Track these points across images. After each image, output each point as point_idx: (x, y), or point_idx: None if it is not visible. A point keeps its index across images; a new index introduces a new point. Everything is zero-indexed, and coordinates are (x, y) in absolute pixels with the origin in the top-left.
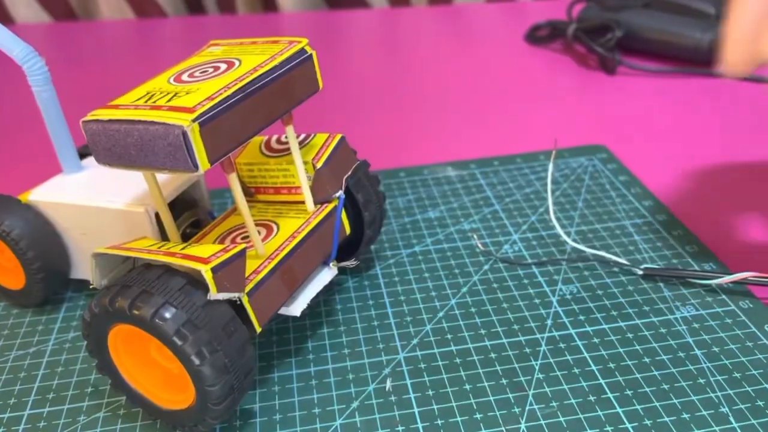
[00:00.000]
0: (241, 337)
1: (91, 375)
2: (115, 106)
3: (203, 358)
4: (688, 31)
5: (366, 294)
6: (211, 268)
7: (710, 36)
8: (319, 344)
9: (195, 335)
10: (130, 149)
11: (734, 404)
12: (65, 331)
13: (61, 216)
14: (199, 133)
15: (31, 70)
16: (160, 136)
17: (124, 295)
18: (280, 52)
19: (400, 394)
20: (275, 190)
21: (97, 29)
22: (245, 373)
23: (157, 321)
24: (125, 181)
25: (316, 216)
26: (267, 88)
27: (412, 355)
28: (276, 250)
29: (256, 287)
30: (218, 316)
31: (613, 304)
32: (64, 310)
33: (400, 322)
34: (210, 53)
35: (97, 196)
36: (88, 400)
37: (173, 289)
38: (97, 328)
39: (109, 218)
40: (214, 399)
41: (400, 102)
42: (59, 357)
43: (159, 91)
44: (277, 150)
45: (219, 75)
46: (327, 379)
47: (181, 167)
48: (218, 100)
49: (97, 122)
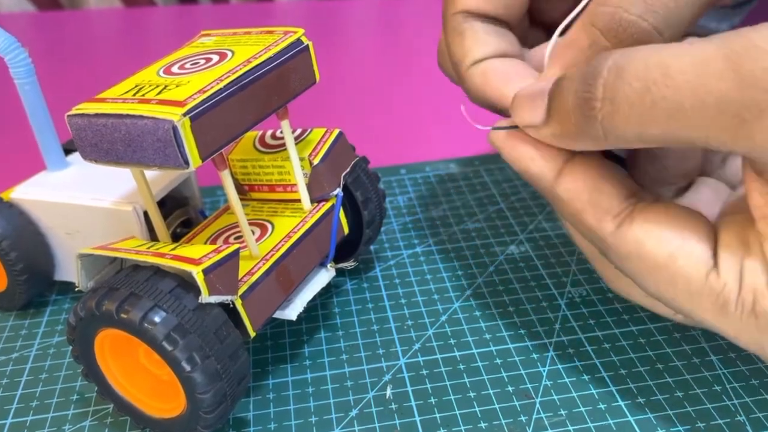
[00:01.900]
0: (234, 342)
1: (76, 382)
2: (102, 100)
3: (194, 364)
4: (705, 20)
5: (365, 297)
6: (202, 269)
7: (727, 25)
8: (316, 350)
9: (186, 340)
10: (118, 145)
11: (751, 413)
12: (49, 336)
13: (45, 215)
14: (190, 127)
15: (13, 62)
16: (148, 131)
17: (111, 298)
18: (274, 43)
19: (401, 402)
20: (270, 188)
21: (83, 19)
22: (238, 380)
23: (146, 325)
24: (112, 179)
25: (312, 215)
26: (261, 80)
27: (413, 361)
28: (271, 251)
29: (250, 290)
30: (210, 320)
31: (624, 307)
32: (48, 314)
33: (401, 326)
34: (202, 44)
35: (83, 194)
36: (74, 408)
37: (163, 291)
38: (83, 333)
39: (96, 217)
40: (206, 407)
41: (401, 95)
42: (43, 363)
43: (148, 83)
44: (271, 146)
45: (211, 67)
46: (324, 386)
47: (171, 164)
48: (210, 93)
49: (83, 116)
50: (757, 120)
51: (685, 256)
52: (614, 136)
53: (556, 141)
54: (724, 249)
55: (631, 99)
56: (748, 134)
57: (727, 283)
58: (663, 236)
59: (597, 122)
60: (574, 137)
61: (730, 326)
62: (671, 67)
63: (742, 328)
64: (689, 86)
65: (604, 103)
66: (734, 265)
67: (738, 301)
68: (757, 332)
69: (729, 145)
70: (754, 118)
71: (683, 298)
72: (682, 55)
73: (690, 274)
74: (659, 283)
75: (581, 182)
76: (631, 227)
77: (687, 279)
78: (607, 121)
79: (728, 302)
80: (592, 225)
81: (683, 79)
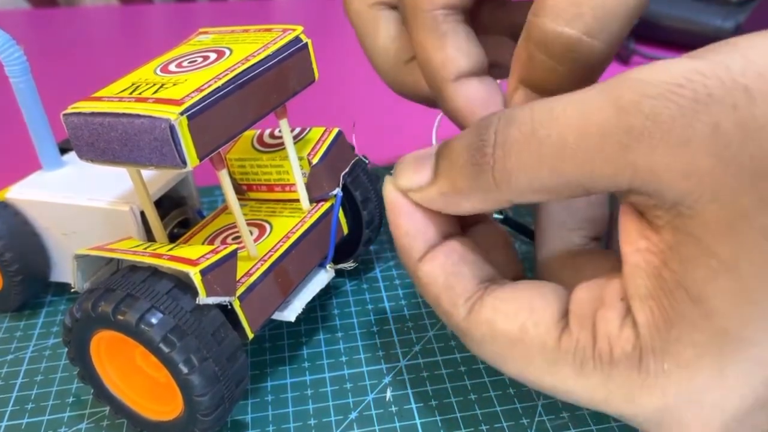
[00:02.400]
0: (233, 344)
1: (72, 384)
2: (98, 99)
3: (192, 366)
4: (709, 18)
5: (365, 298)
6: (200, 270)
7: (732, 23)
8: (315, 351)
9: (183, 342)
10: (114, 144)
11: None
12: (45, 338)
13: (41, 215)
14: (187, 126)
15: (8, 60)
16: (145, 130)
17: (107, 300)
18: (273, 41)
19: (401, 405)
20: (268, 188)
21: (79, 16)
22: (236, 383)
23: (142, 327)
24: (109, 178)
25: (311, 215)
26: (259, 78)
27: (413, 362)
28: (269, 252)
29: (248, 291)
30: (208, 321)
31: None
32: (43, 315)
33: (401, 327)
34: (199, 42)
35: (79, 194)
36: (70, 410)
37: (160, 293)
38: (79, 335)
39: (92, 218)
40: (203, 410)
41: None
42: (39, 365)
43: (145, 82)
44: (270, 145)
45: (209, 65)
46: (323, 389)
47: (168, 163)
48: (208, 91)
49: (79, 115)
50: (637, 144)
51: (534, 326)
52: (506, 185)
53: (443, 200)
54: (575, 306)
55: (520, 142)
56: (630, 162)
57: (579, 339)
58: (511, 311)
59: (489, 172)
60: (464, 192)
61: (598, 389)
62: (555, 108)
63: (611, 388)
64: (572, 122)
65: (496, 149)
66: (586, 319)
67: (595, 356)
68: (625, 384)
69: (614, 179)
70: (635, 143)
71: (545, 374)
72: (567, 98)
73: (544, 341)
74: (518, 362)
75: (439, 267)
76: (481, 309)
77: (542, 347)
78: (499, 168)
79: (586, 360)
80: (447, 310)
81: (566, 116)
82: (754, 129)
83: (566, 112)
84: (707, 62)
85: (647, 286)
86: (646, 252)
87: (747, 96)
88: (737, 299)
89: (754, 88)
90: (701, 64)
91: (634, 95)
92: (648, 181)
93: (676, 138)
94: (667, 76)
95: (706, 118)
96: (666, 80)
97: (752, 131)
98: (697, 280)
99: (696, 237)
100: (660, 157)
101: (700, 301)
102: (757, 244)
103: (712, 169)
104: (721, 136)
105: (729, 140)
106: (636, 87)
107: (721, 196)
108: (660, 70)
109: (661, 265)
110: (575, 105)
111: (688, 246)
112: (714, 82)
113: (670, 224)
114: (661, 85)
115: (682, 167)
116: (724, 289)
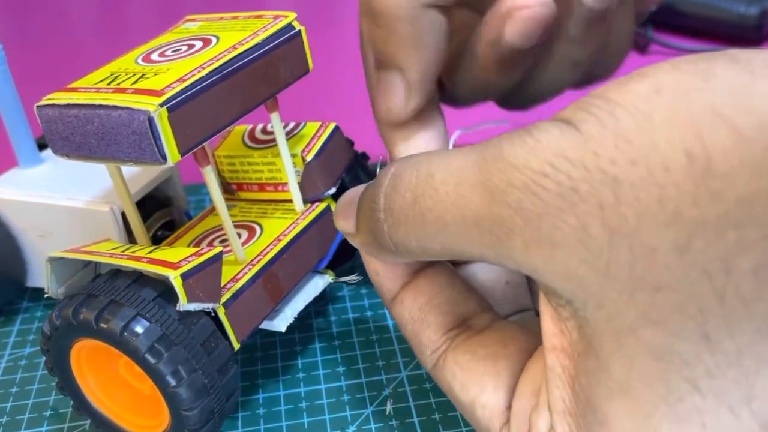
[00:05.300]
0: (223, 355)
1: (50, 396)
2: (74, 89)
3: (180, 378)
4: (732, 4)
5: (363, 304)
6: (180, 274)
7: (757, 10)
8: (310, 361)
9: (170, 352)
10: (90, 138)
11: None
12: (21, 346)
13: (16, 215)
14: (167, 119)
15: None
16: (123, 123)
17: (89, 306)
18: (263, 28)
19: (402, 418)
20: (259, 187)
21: (57, 2)
22: (227, 395)
23: (127, 336)
24: (90, 176)
25: (305, 217)
26: (248, 68)
27: (416, 373)
28: (258, 256)
29: (234, 297)
30: (197, 330)
31: None
32: (19, 322)
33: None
34: (185, 30)
35: (57, 193)
36: (48, 424)
37: (146, 299)
38: (58, 343)
39: (70, 218)
40: (192, 424)
41: None
42: (14, 375)
43: (125, 72)
44: (261, 141)
45: (193, 54)
46: (319, 401)
47: (147, 159)
48: (190, 81)
49: (53, 107)
50: (508, 239)
51: (481, 407)
52: (404, 248)
53: (366, 252)
54: (516, 402)
55: (405, 211)
56: (507, 253)
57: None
58: (466, 382)
59: (385, 234)
60: (375, 249)
61: None
62: (435, 177)
63: None
64: (449, 199)
65: (386, 215)
66: (523, 420)
67: None
68: None
69: (503, 264)
70: (505, 237)
71: None
72: (448, 164)
73: (488, 427)
74: (476, 428)
75: (407, 313)
76: (444, 367)
77: (487, 431)
78: (393, 232)
79: None
80: (417, 356)
81: (444, 191)
82: (624, 234)
83: (445, 186)
84: (576, 141)
85: (564, 400)
86: (561, 353)
87: (615, 192)
88: (636, 424)
89: (624, 180)
90: (569, 143)
91: (500, 182)
92: (532, 274)
93: (546, 238)
94: (534, 160)
95: (573, 220)
96: (532, 167)
97: (623, 236)
98: (600, 400)
99: (595, 349)
100: (535, 258)
101: (606, 423)
102: (646, 364)
103: (588, 278)
104: (591, 241)
105: (599, 247)
106: (504, 171)
107: (605, 304)
108: (529, 150)
109: (575, 375)
110: (453, 178)
111: (590, 359)
112: (579, 174)
113: (574, 317)
114: (526, 173)
115: (560, 269)
116: (623, 411)
